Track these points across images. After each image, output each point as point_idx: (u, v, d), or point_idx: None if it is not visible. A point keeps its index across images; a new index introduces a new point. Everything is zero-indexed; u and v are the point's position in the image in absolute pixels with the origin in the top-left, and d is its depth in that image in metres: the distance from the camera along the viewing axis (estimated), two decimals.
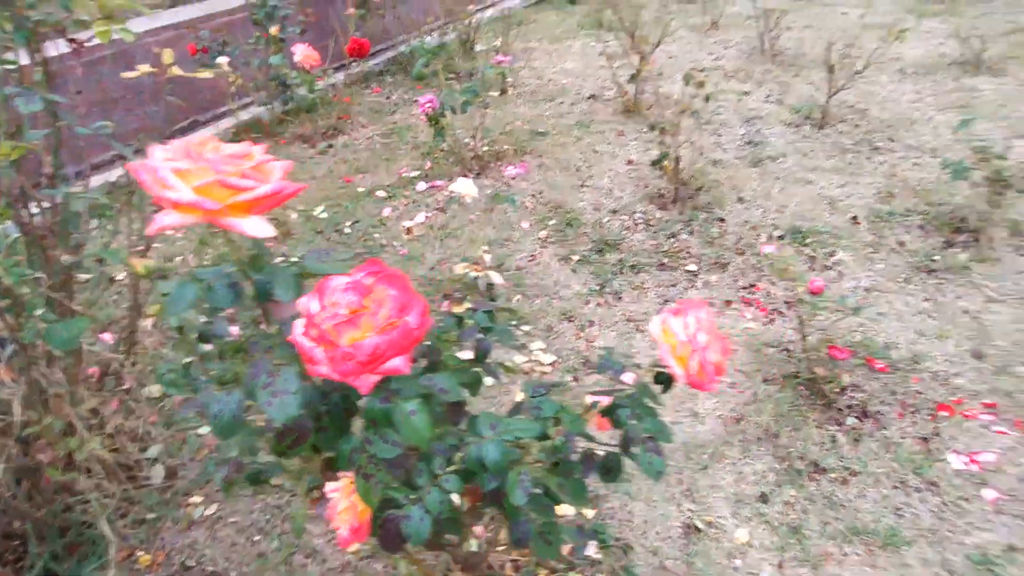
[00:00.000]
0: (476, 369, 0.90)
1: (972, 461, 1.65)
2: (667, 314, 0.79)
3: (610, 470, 0.88)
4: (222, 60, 2.94)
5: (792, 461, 1.71)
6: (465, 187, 2.23)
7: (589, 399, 0.91)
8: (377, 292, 0.56)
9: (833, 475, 1.66)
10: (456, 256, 2.62)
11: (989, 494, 1.57)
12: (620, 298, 2.38)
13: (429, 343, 0.82)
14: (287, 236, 2.84)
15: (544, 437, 0.76)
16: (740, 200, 2.88)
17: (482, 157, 3.42)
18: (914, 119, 3.38)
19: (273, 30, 3.37)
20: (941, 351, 1.99)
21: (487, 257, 2.29)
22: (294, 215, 3.01)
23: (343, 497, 0.72)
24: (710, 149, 3.35)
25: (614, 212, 2.90)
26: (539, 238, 2.78)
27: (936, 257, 2.38)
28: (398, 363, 0.55)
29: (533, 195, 3.09)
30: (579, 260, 2.61)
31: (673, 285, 2.43)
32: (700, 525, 1.59)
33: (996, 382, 1.87)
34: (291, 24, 3.73)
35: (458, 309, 0.93)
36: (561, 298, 2.40)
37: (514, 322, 2.30)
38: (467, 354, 0.99)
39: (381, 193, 3.17)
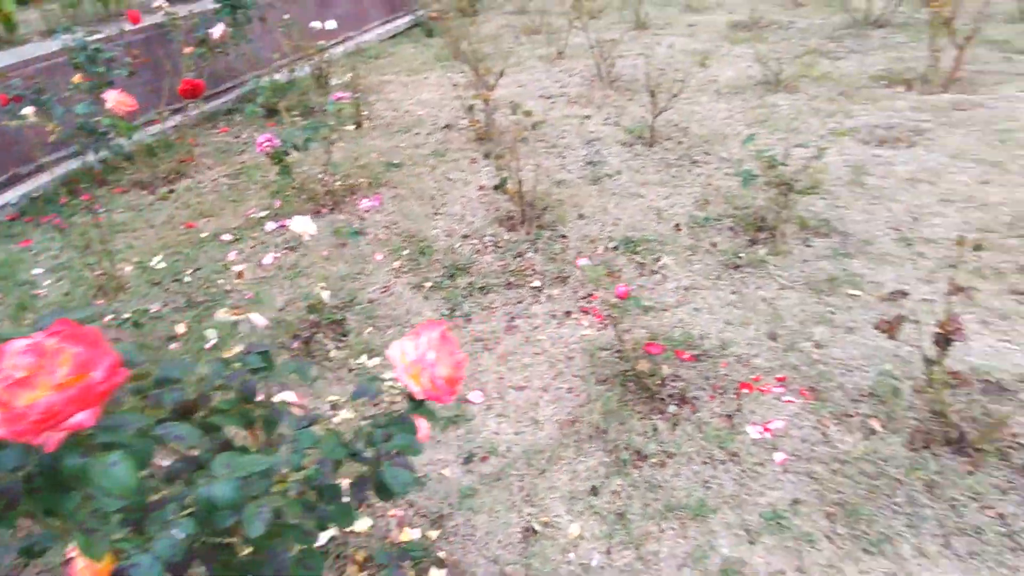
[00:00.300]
0: (248, 408, 0.93)
1: (766, 430, 1.89)
2: (404, 338, 0.87)
3: (383, 488, 0.93)
4: (28, 110, 2.73)
5: (619, 453, 1.87)
6: (302, 225, 2.24)
7: (362, 423, 0.97)
8: (61, 351, 0.58)
9: (654, 460, 1.84)
10: (308, 295, 2.59)
11: (779, 457, 1.81)
12: (470, 320, 2.48)
13: (181, 391, 0.84)
14: (119, 291, 2.66)
15: (300, 468, 0.81)
16: (581, 216, 3.11)
17: (335, 192, 3.42)
18: (726, 134, 3.82)
19: (76, 78, 3.17)
20: (744, 337, 2.27)
21: (325, 295, 2.30)
22: (128, 268, 2.83)
23: (80, 555, 0.71)
24: (556, 170, 3.59)
25: (466, 237, 3.01)
26: (393, 268, 2.82)
27: (741, 254, 2.71)
28: (82, 418, 0.57)
29: (387, 226, 3.14)
30: (431, 287, 2.68)
31: (519, 302, 2.57)
32: (538, 527, 1.68)
33: (786, 358, 2.16)
34: (117, 66, 3.54)
35: (227, 354, 0.95)
36: (413, 326, 2.45)
37: (365, 355, 2.32)
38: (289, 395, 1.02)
39: (227, 236, 3.07)
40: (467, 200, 3.33)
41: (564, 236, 2.96)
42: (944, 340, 1.70)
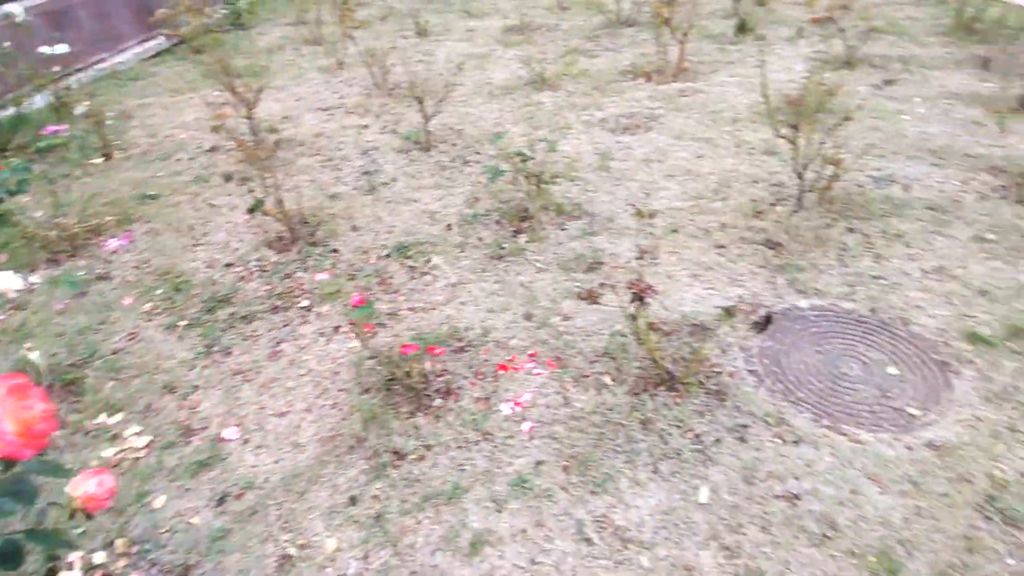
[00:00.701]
0: None
1: (516, 404, 2.05)
2: None
3: (8, 558, 0.85)
4: None
5: (379, 457, 1.90)
6: (5, 281, 1.96)
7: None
8: None
9: (413, 456, 1.90)
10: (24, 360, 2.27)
11: (526, 426, 1.97)
12: (229, 353, 2.35)
13: None
14: None
15: None
16: (354, 228, 3.10)
17: (76, 235, 3.04)
18: (497, 133, 4.05)
19: None
20: (503, 321, 2.43)
21: (34, 356, 2.05)
22: None
23: None
24: (331, 184, 3.53)
25: (229, 266, 2.85)
26: (143, 312, 2.58)
27: (505, 245, 2.90)
28: None
29: (137, 266, 2.86)
30: (187, 325, 2.49)
31: (286, 325, 2.49)
32: (294, 551, 1.65)
33: (538, 335, 2.35)
34: None
35: None
36: (164, 371, 2.27)
37: (105, 412, 2.09)
38: None
39: None
40: (233, 226, 3.15)
41: (336, 251, 2.93)
42: (638, 298, 1.96)
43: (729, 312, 2.10)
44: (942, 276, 2.48)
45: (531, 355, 2.25)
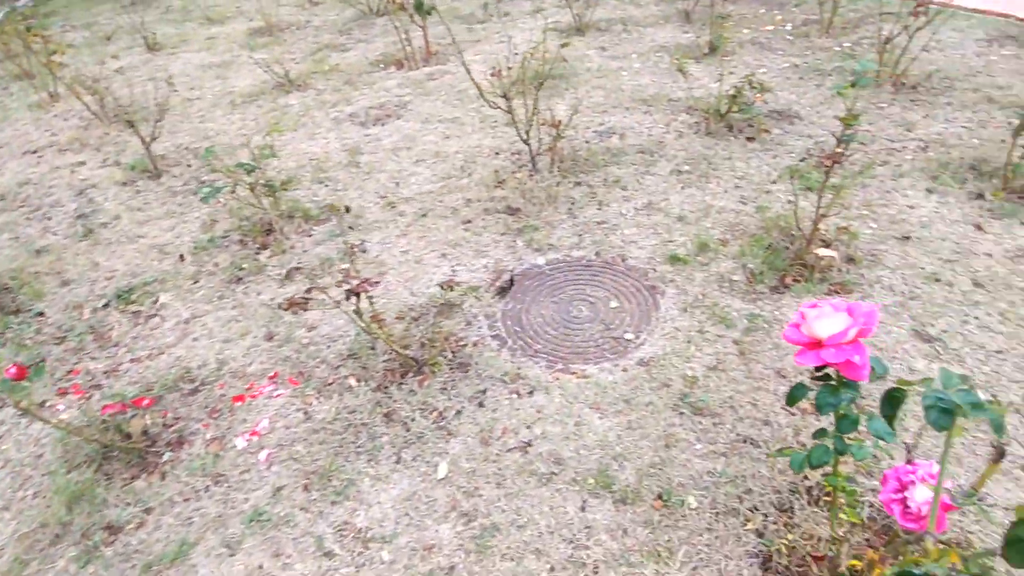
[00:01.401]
0: None
1: (253, 434, 1.92)
2: None
3: None
4: None
5: (90, 538, 1.67)
6: None
7: None
8: None
9: (130, 526, 1.70)
10: None
11: (263, 455, 1.86)
12: None
13: None
14: None
15: None
16: (65, 283, 2.69)
17: None
18: (239, 145, 3.76)
19: None
20: (241, 348, 2.27)
21: None
22: None
23: None
24: (37, 237, 3.04)
25: None
26: None
27: (244, 266, 2.70)
28: None
29: None
30: None
31: None
32: None
33: (280, 353, 2.23)
34: None
35: None
36: None
37: None
38: None
39: None
40: None
41: (42, 314, 2.53)
42: (354, 294, 1.92)
43: (445, 287, 2.14)
44: (650, 211, 2.77)
45: (271, 377, 2.13)
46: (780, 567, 1.49)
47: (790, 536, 1.52)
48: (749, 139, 3.20)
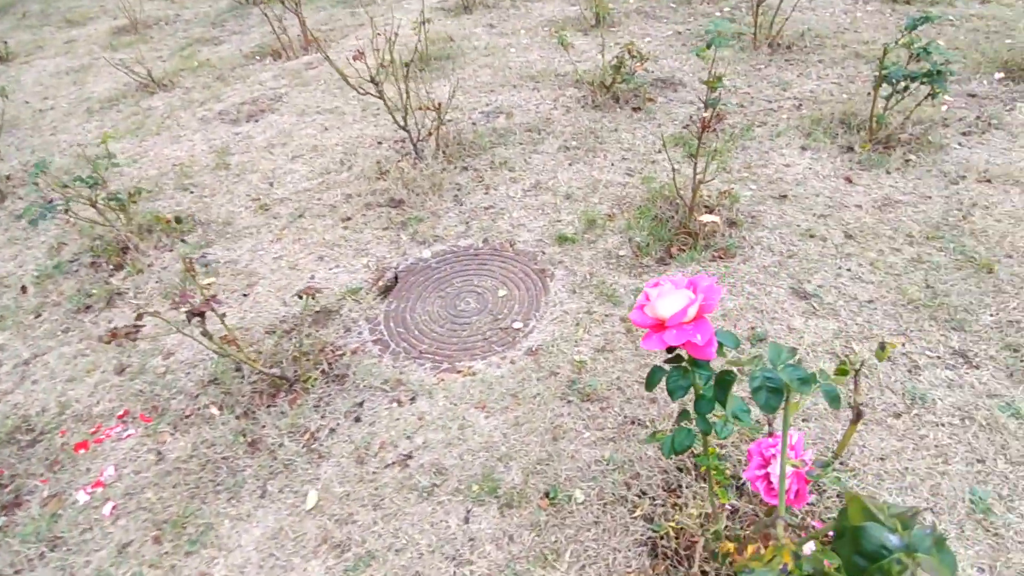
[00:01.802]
0: None
1: (96, 485, 1.70)
2: None
3: None
4: None
5: None
6: None
7: None
8: None
9: None
10: None
11: (108, 508, 1.65)
12: None
13: None
14: None
15: None
16: None
17: None
18: (91, 156, 3.39)
19: None
20: (87, 388, 2.01)
21: None
22: None
23: None
24: None
25: None
26: None
27: (93, 292, 2.41)
28: None
29: None
30: None
31: None
32: None
33: (132, 387, 1.99)
34: None
35: None
36: None
37: None
38: None
39: None
40: None
41: None
42: (197, 315, 1.72)
43: (305, 295, 1.97)
44: (538, 191, 2.67)
45: (120, 416, 1.90)
46: (668, 551, 1.43)
47: (677, 517, 1.47)
48: (635, 109, 3.15)
